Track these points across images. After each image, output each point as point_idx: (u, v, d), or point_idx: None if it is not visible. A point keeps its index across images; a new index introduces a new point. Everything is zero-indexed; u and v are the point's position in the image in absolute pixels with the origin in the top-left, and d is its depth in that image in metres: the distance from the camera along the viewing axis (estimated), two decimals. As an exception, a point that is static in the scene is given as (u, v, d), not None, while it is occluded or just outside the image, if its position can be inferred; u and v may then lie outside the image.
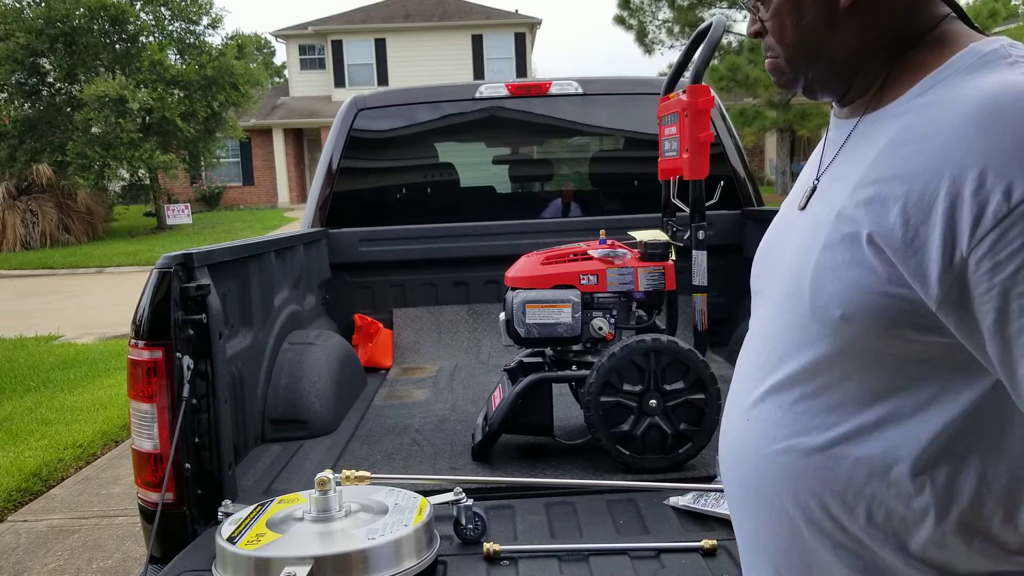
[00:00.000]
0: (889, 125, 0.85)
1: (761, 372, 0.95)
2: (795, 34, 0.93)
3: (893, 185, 0.79)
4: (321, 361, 2.76)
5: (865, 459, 0.84)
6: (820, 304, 0.85)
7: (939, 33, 0.88)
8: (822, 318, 0.85)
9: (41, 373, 6.96)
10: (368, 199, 3.73)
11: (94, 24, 19.25)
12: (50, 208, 19.02)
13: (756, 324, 1.02)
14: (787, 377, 0.90)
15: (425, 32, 27.27)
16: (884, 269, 0.79)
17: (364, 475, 1.93)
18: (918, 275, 0.76)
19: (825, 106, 16.66)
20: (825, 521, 0.87)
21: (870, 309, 0.81)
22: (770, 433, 0.92)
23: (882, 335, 0.81)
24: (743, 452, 0.96)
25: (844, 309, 0.82)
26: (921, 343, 0.80)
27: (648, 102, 3.39)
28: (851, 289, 0.81)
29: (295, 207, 26.07)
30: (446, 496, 1.82)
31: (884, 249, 0.79)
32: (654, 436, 2.13)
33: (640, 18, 22.75)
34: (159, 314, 1.90)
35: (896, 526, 0.83)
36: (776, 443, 0.91)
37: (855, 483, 0.84)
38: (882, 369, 0.83)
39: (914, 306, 0.78)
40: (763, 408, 0.93)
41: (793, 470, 0.89)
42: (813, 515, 0.88)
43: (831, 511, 0.86)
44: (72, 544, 3.71)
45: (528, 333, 2.29)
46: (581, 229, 3.45)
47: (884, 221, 0.79)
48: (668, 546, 1.69)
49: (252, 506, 1.81)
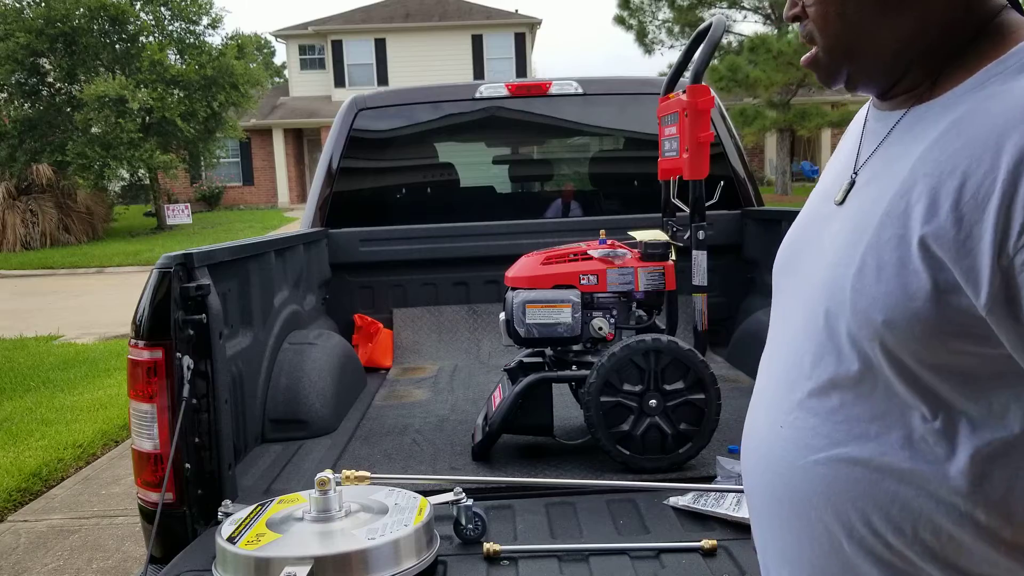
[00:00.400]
0: (940, 118, 0.81)
1: (794, 376, 0.89)
2: (840, 24, 0.86)
3: (945, 181, 0.75)
4: (321, 361, 2.76)
5: (911, 473, 0.79)
6: (861, 307, 0.80)
7: (996, 24, 0.83)
8: (864, 322, 0.80)
9: (41, 373, 6.96)
10: (368, 199, 3.73)
11: (94, 24, 19.25)
12: (50, 208, 19.03)
13: (783, 323, 0.96)
14: (826, 382, 0.85)
15: (425, 32, 27.27)
16: (933, 274, 0.74)
17: (364, 475, 1.93)
18: (970, 278, 0.72)
19: (825, 106, 16.70)
20: (868, 536, 0.82)
21: (916, 316, 0.76)
22: (807, 442, 0.86)
23: (927, 344, 0.76)
24: (775, 461, 0.90)
25: (887, 314, 0.77)
26: (969, 354, 0.75)
27: (648, 102, 3.39)
28: (896, 293, 0.77)
29: (295, 207, 26.07)
30: (446, 496, 1.82)
31: (936, 251, 0.74)
32: (654, 436, 2.13)
33: (640, 18, 22.75)
34: (159, 314, 1.90)
35: (944, 544, 0.79)
36: (814, 453, 0.85)
37: (901, 498, 0.80)
38: (927, 379, 0.78)
39: (963, 314, 0.73)
40: (799, 415, 0.88)
41: (833, 483, 0.84)
42: (855, 530, 0.83)
43: (874, 526, 0.81)
44: (72, 544, 3.71)
45: (528, 333, 2.29)
46: (581, 229, 3.45)
47: (935, 219, 0.74)
48: (668, 546, 1.69)
49: (252, 506, 1.81)
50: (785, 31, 20.72)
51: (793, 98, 20.95)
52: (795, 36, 19.21)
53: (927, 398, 0.78)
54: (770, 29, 21.45)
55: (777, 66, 19.13)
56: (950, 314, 0.74)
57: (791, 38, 19.17)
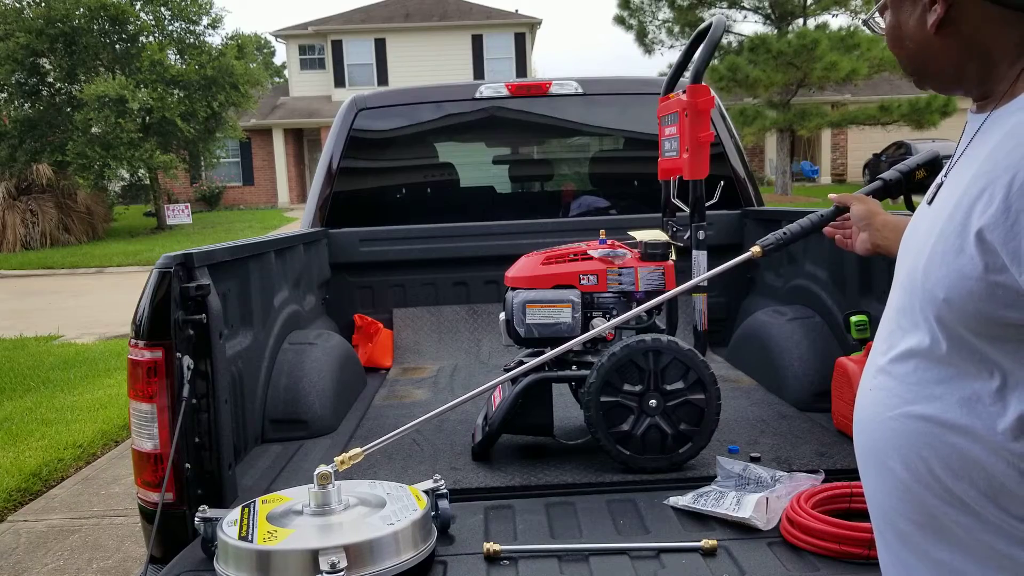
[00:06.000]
0: (1006, 121, 0.93)
1: (885, 345, 1.07)
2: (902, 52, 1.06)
3: (1000, 176, 0.87)
4: (321, 361, 2.76)
5: (967, 429, 0.93)
6: (929, 287, 0.95)
7: None
8: (931, 300, 0.95)
9: (41, 373, 6.96)
10: (368, 199, 3.72)
11: (94, 24, 19.25)
12: (50, 208, 19.03)
13: (888, 304, 1.12)
14: (905, 351, 1.01)
15: (425, 32, 27.27)
16: (984, 259, 0.87)
17: (356, 452, 1.87)
18: (1015, 259, 0.84)
19: (824, 106, 16.67)
20: (931, 481, 0.96)
21: (969, 294, 0.89)
22: (886, 401, 1.03)
23: (980, 318, 0.90)
24: (863, 418, 1.08)
25: (947, 292, 0.92)
26: (1018, 326, 0.88)
27: (648, 102, 3.39)
28: (954, 275, 0.91)
29: (295, 207, 26.07)
30: (426, 484, 1.86)
31: (988, 239, 0.87)
32: (654, 436, 2.13)
33: (640, 18, 22.77)
34: (159, 314, 1.90)
35: (996, 489, 0.92)
36: (889, 411, 1.02)
37: (959, 449, 0.94)
38: (983, 348, 0.92)
39: (1011, 292, 0.86)
40: (882, 379, 1.05)
41: (903, 435, 0.99)
42: (921, 475, 0.97)
43: (936, 472, 0.96)
44: (72, 544, 3.71)
45: (528, 333, 2.29)
46: (581, 229, 3.45)
47: (989, 211, 0.87)
48: (668, 546, 1.69)
49: (237, 508, 1.79)
50: (785, 31, 20.73)
51: (793, 98, 20.94)
52: (795, 36, 19.21)
53: (984, 364, 0.92)
54: (770, 29, 21.46)
55: (777, 66, 19.13)
56: (999, 292, 0.87)
57: (791, 38, 19.17)
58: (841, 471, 2.03)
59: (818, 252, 2.92)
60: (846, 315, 2.44)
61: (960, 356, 0.94)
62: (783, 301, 3.15)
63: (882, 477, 1.03)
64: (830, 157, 28.83)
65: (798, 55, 18.73)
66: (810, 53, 18.55)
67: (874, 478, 1.06)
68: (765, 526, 1.74)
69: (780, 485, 1.86)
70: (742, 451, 2.25)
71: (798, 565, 1.60)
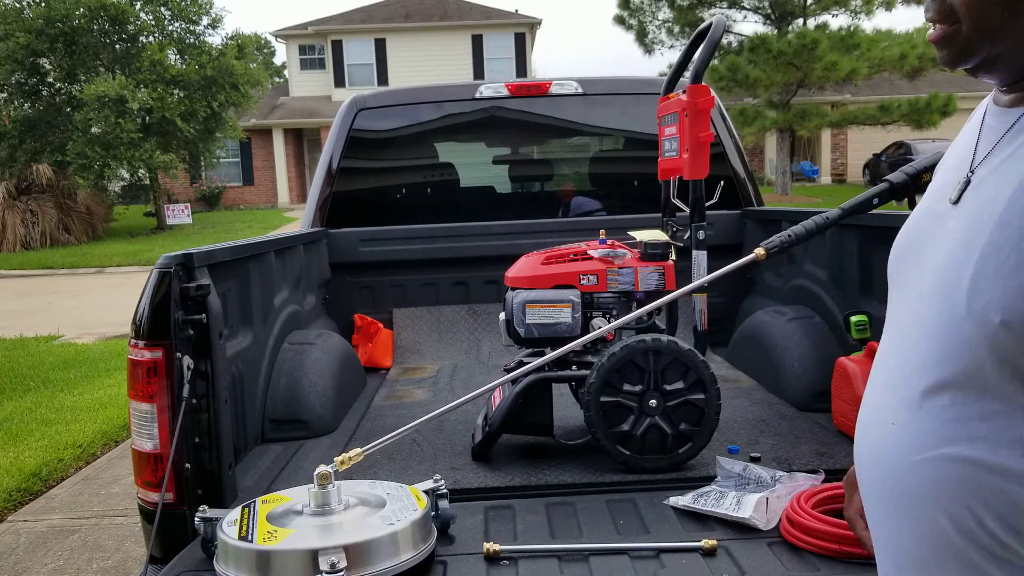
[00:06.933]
0: None
1: (907, 373, 0.89)
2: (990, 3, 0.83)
3: None
4: (321, 361, 2.76)
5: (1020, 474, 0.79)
6: (978, 308, 0.79)
7: None
8: (980, 322, 0.79)
9: (41, 373, 6.96)
10: (368, 199, 3.73)
11: (94, 24, 19.25)
12: (50, 208, 19.02)
13: (897, 320, 0.96)
14: (938, 382, 0.85)
15: (425, 32, 27.27)
16: None
17: (356, 452, 1.88)
18: None
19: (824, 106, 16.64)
20: (980, 533, 0.82)
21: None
22: (918, 441, 0.86)
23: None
24: (886, 457, 0.91)
25: (1005, 315, 0.77)
26: None
27: (648, 102, 3.39)
28: (1014, 295, 0.76)
29: (295, 207, 26.07)
30: (426, 484, 1.86)
31: None
32: (654, 436, 2.13)
33: (640, 18, 22.77)
34: (159, 314, 1.90)
35: None
36: (924, 452, 0.86)
37: (1012, 497, 0.80)
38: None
39: None
40: (911, 413, 0.88)
41: (944, 481, 0.84)
42: (965, 526, 0.83)
43: (986, 524, 0.81)
44: (72, 544, 3.71)
45: (528, 333, 2.29)
46: (581, 229, 3.45)
47: None
48: (668, 546, 1.69)
49: (236, 508, 1.79)
50: (785, 31, 20.73)
51: (793, 98, 20.95)
52: (795, 36, 19.21)
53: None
54: (770, 29, 21.45)
55: (777, 66, 19.13)
56: None
57: (791, 38, 19.17)
58: (841, 471, 2.03)
59: (818, 252, 2.92)
60: (846, 315, 2.44)
61: (1011, 389, 0.79)
62: (783, 301, 3.15)
63: (915, 525, 0.88)
64: (830, 157, 28.85)
65: (798, 55, 18.73)
66: (810, 53, 18.56)
67: (898, 523, 0.90)
68: (765, 526, 1.74)
69: (780, 485, 1.86)
70: (742, 451, 2.25)
71: (798, 565, 1.60)
